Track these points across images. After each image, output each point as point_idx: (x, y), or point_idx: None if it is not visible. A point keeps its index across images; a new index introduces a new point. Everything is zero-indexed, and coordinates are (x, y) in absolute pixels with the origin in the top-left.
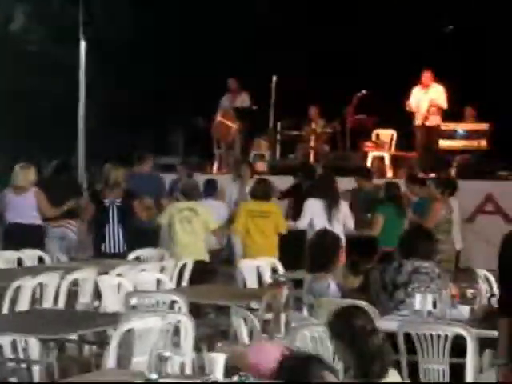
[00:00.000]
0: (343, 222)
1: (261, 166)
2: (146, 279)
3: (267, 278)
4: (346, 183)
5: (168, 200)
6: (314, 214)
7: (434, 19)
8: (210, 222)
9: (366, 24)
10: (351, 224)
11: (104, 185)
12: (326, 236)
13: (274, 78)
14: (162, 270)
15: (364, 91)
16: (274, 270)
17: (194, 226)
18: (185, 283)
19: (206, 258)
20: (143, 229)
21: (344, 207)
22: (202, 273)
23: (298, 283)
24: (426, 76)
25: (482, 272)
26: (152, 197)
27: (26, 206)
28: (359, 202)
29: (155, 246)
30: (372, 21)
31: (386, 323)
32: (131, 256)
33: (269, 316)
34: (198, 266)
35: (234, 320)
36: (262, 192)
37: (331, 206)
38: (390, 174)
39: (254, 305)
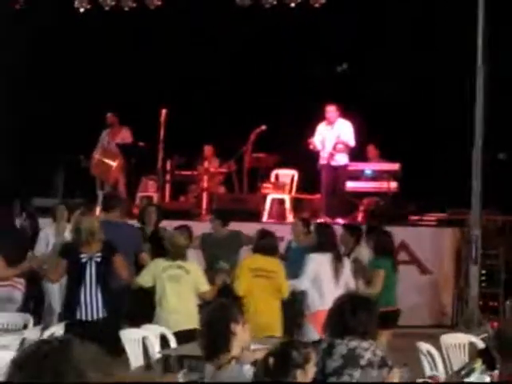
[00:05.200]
0: (346, 281)
1: None
2: None
3: (155, 353)
4: (243, 229)
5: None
6: (318, 271)
7: (330, 57)
8: (200, 283)
9: (263, 58)
10: (353, 284)
11: (76, 236)
12: (217, 310)
13: (164, 112)
14: (23, 343)
15: (263, 127)
16: (164, 342)
17: (183, 287)
18: None
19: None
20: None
21: (347, 263)
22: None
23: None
24: (331, 110)
25: (424, 347)
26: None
27: None
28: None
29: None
30: (272, 55)
31: None
32: None
33: None
34: (188, 336)
35: None
36: (270, 246)
37: (337, 260)
38: (290, 218)
39: None
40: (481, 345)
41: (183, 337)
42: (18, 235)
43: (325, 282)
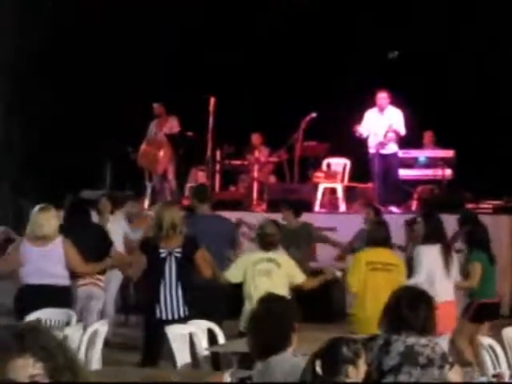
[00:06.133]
0: (456, 273)
1: None
2: None
3: (203, 350)
4: None
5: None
6: (430, 263)
7: (381, 44)
8: (295, 275)
9: (313, 45)
10: (459, 276)
11: (157, 229)
12: (280, 305)
13: (213, 100)
14: (65, 340)
15: (313, 114)
16: (213, 338)
17: (274, 281)
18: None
19: None
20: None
21: (455, 254)
22: None
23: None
24: (382, 97)
25: (486, 341)
26: (221, 246)
27: (51, 261)
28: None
29: (216, 310)
30: (322, 41)
31: None
32: (28, 319)
33: None
34: None
35: None
36: (383, 236)
37: (447, 251)
38: (343, 207)
39: None
40: None
41: None
42: (96, 231)
43: (437, 275)
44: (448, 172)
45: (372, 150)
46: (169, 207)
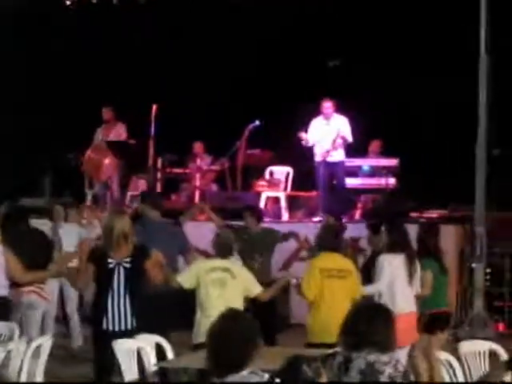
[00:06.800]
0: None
1: None
2: None
3: (151, 366)
4: None
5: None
6: (393, 273)
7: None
8: (251, 287)
9: (255, 52)
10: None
11: (107, 239)
12: (246, 320)
13: (155, 107)
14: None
15: (257, 122)
16: (161, 354)
17: (228, 292)
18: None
19: None
20: (157, 294)
21: (418, 264)
22: None
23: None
24: (327, 106)
25: (443, 356)
26: (172, 252)
27: None
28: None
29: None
30: (264, 49)
31: None
32: None
33: None
34: None
35: None
36: (336, 243)
37: (411, 261)
38: (286, 216)
39: None
40: (501, 352)
41: None
42: (37, 238)
43: (399, 285)
44: (391, 181)
45: (318, 158)
46: (119, 216)
